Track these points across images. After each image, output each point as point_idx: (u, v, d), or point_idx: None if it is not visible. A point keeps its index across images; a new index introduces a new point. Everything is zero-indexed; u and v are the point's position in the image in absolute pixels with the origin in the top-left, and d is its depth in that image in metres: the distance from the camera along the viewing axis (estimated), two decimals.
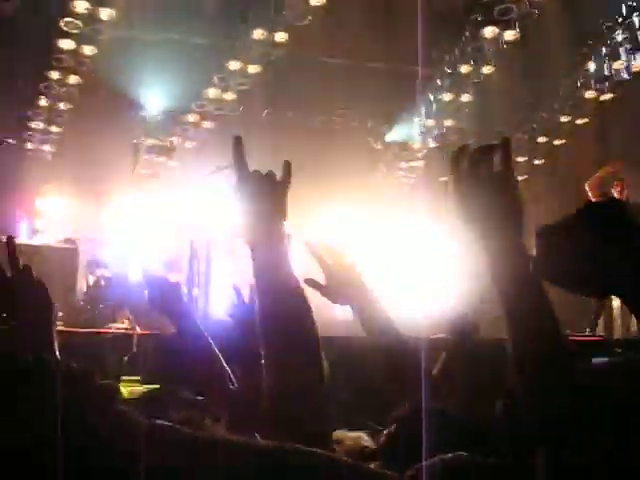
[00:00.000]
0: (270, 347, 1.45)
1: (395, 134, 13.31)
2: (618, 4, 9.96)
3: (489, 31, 10.17)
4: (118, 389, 1.30)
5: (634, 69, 10.56)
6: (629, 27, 10.03)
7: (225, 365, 2.50)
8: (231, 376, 2.48)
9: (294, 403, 1.40)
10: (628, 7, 9.81)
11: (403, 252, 12.15)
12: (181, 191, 8.61)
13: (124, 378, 5.57)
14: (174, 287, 2.69)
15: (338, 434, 1.93)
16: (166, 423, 1.20)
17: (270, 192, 1.48)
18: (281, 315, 1.44)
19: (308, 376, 1.42)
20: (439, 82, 11.74)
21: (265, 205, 1.46)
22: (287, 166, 1.53)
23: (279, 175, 1.53)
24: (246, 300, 2.50)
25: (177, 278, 8.43)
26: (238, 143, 1.49)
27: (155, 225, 8.85)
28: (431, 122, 12.71)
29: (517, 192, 1.39)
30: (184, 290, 2.84)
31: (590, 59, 10.96)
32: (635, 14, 9.87)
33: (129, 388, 5.40)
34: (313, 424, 1.41)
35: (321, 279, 2.30)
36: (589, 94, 11.51)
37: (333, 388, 1.69)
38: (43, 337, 1.84)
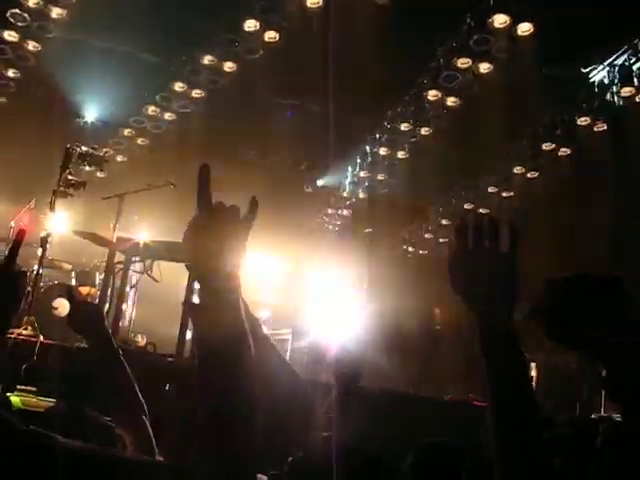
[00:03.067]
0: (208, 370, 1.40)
1: (327, 180, 13.44)
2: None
3: (432, 94, 10.47)
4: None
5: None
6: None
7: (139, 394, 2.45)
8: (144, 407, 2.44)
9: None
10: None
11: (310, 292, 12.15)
12: (105, 204, 8.40)
13: (20, 387, 5.36)
14: (97, 309, 2.68)
15: None
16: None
17: (232, 226, 1.39)
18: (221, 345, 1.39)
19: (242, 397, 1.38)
20: (377, 136, 11.96)
21: (227, 238, 1.38)
22: (254, 203, 1.45)
23: (243, 211, 1.43)
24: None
25: (90, 291, 8.24)
26: (205, 171, 1.39)
27: (75, 234, 8.58)
28: (364, 173, 12.90)
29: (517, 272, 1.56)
30: (103, 311, 2.83)
31: (524, 137, 11.37)
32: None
33: (23, 398, 5.20)
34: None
35: None
36: (517, 169, 11.91)
37: None
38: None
